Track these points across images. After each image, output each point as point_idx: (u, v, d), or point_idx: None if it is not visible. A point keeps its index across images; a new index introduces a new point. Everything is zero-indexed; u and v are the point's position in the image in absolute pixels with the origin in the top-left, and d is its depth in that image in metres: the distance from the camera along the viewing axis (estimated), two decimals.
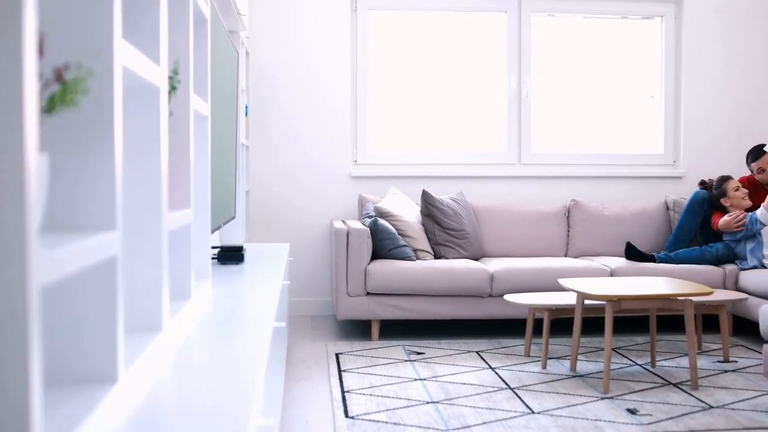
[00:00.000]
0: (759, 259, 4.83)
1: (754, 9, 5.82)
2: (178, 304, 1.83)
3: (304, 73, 5.52)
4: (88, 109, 1.15)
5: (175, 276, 1.90)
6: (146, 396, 1.27)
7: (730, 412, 3.28)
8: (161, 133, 1.52)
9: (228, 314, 2.03)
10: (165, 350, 1.56)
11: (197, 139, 2.27)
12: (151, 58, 1.50)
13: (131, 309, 1.52)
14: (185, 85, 1.91)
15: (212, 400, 1.25)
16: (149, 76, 1.40)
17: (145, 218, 1.51)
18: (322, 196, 5.53)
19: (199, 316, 1.99)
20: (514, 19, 5.70)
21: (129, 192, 1.50)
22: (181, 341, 1.69)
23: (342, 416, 3.20)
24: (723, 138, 5.81)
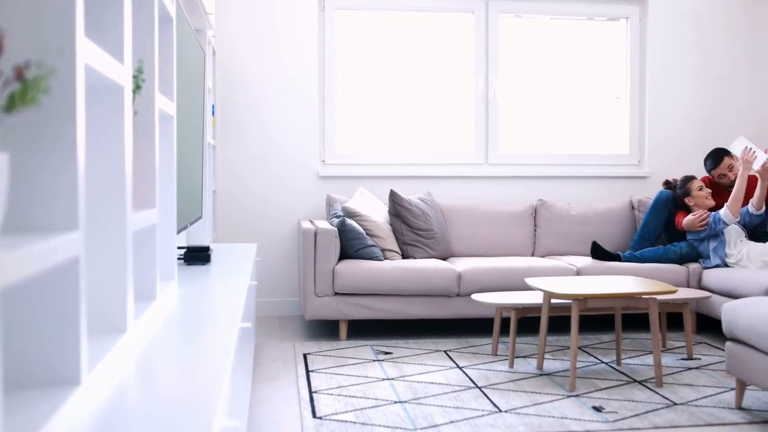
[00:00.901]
0: (721, 257, 4.91)
1: (717, 11, 5.90)
2: (143, 305, 1.81)
3: (271, 73, 5.50)
4: (49, 108, 1.14)
5: (139, 277, 1.88)
6: (110, 398, 1.26)
7: (694, 409, 3.32)
8: (125, 132, 1.50)
9: (194, 315, 2.02)
10: (129, 352, 1.55)
11: (163, 138, 2.25)
12: (115, 57, 1.49)
13: (95, 310, 1.51)
14: (150, 84, 1.89)
15: (176, 402, 1.24)
16: (113, 75, 1.39)
17: (108, 218, 1.49)
18: (290, 196, 5.52)
19: (164, 317, 1.97)
20: (481, 20, 5.73)
21: (92, 192, 1.48)
22: (146, 342, 1.67)
23: (310, 417, 3.19)
24: (687, 138, 5.89)
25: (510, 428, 3.06)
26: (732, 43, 5.92)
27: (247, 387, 2.93)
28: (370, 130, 5.71)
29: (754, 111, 5.94)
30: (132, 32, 1.85)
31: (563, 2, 5.81)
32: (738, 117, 5.94)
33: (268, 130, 5.50)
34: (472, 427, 3.07)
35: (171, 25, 2.26)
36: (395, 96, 5.71)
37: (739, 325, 3.23)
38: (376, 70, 5.69)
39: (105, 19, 1.48)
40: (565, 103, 5.89)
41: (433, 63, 5.74)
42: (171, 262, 2.27)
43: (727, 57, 5.92)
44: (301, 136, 5.53)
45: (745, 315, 3.21)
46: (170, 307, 2.12)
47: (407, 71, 5.72)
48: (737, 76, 5.94)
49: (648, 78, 5.87)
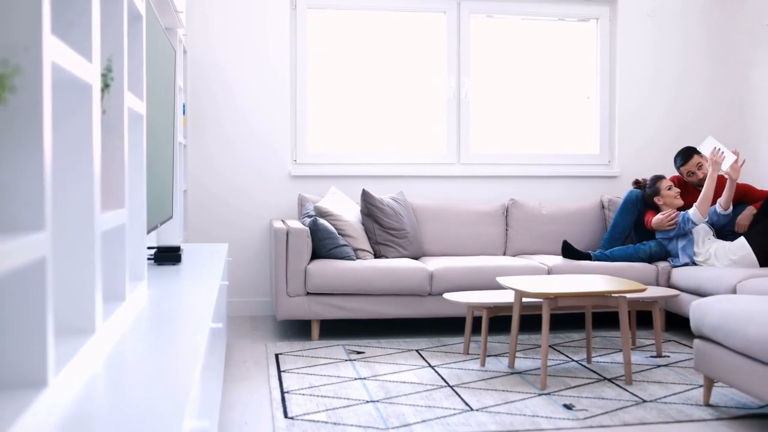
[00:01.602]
0: (690, 256, 4.96)
1: (686, 12, 5.97)
2: (112, 306, 1.79)
3: (242, 72, 5.47)
4: (15, 106, 1.12)
5: (108, 277, 1.87)
6: (77, 400, 1.25)
7: (662, 406, 3.36)
8: (94, 131, 1.49)
9: (163, 315, 2.00)
10: (98, 353, 1.53)
11: (132, 137, 2.23)
12: (83, 55, 1.47)
13: (62, 311, 1.49)
14: (119, 83, 1.88)
15: (145, 403, 1.23)
16: (81, 73, 1.38)
17: (76, 219, 1.48)
18: (262, 195, 5.50)
19: (133, 318, 1.95)
20: (453, 20, 5.75)
21: (60, 192, 1.47)
22: (115, 343, 1.66)
23: (281, 417, 3.18)
24: (656, 138, 5.95)
25: (481, 427, 3.08)
26: (700, 43, 5.99)
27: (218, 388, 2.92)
28: (342, 130, 5.70)
29: (722, 111, 6.02)
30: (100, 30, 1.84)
31: (534, 3, 5.84)
32: (707, 116, 6.01)
33: (240, 129, 5.48)
34: (444, 426, 3.08)
35: (140, 23, 2.24)
36: (367, 95, 5.71)
37: (707, 323, 3.27)
38: (348, 69, 5.69)
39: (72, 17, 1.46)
40: (536, 103, 5.93)
41: (405, 63, 5.75)
42: (140, 262, 2.26)
43: (695, 57, 5.99)
44: (273, 136, 5.52)
45: (712, 313, 3.25)
46: (140, 308, 2.11)
47: (379, 71, 5.72)
48: (705, 76, 6.01)
49: (618, 78, 5.92)
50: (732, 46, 5.97)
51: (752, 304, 3.14)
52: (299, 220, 5.13)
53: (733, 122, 5.96)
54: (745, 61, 5.82)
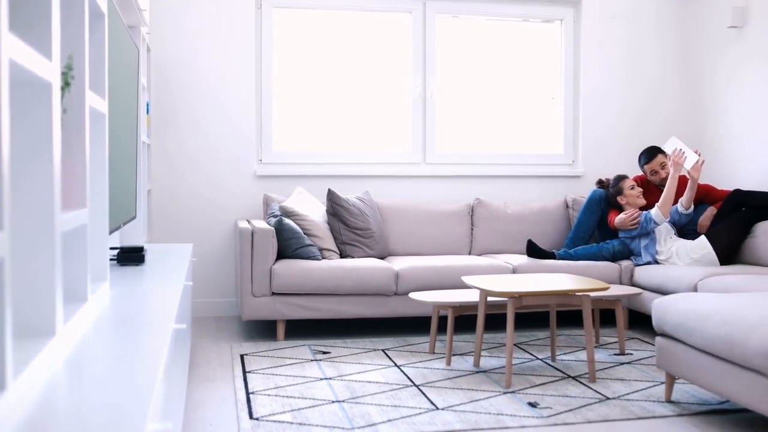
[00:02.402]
0: (652, 255, 5.03)
1: (647, 14, 6.05)
2: (73, 308, 1.77)
3: (208, 71, 5.43)
4: None
5: (69, 278, 1.84)
6: (37, 404, 1.23)
7: (625, 403, 3.40)
8: (53, 130, 1.47)
9: (126, 316, 1.98)
10: (58, 356, 1.51)
11: (94, 137, 2.20)
12: (42, 53, 1.45)
13: (22, 313, 1.47)
14: (80, 82, 1.85)
15: (107, 406, 1.22)
16: (40, 71, 1.36)
17: (36, 219, 1.45)
18: (227, 195, 5.46)
19: (95, 319, 1.93)
20: (418, 20, 5.76)
21: (19, 192, 1.45)
22: (76, 345, 1.64)
23: (246, 418, 3.16)
24: (619, 138, 6.02)
25: (447, 425, 3.09)
26: (663, 44, 6.07)
27: (182, 389, 2.90)
28: (308, 129, 5.69)
29: (685, 111, 6.10)
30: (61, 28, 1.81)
31: (499, 4, 5.87)
32: (669, 117, 6.09)
33: (205, 128, 5.44)
34: (410, 425, 3.09)
35: (102, 21, 2.22)
36: (333, 95, 5.71)
37: (668, 321, 3.32)
38: (314, 69, 5.68)
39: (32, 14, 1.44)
40: (501, 104, 5.96)
41: (371, 62, 5.75)
42: (103, 262, 2.23)
43: (658, 58, 6.07)
44: (238, 135, 5.48)
45: (673, 310, 3.30)
46: (102, 309, 2.08)
47: (345, 70, 5.72)
48: (668, 77, 6.09)
49: (582, 79, 5.98)
50: (694, 47, 6.05)
51: (712, 302, 3.19)
52: (264, 220, 5.11)
53: (695, 123, 6.05)
54: (707, 63, 5.91)
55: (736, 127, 5.60)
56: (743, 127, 5.53)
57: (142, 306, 2.15)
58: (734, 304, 3.10)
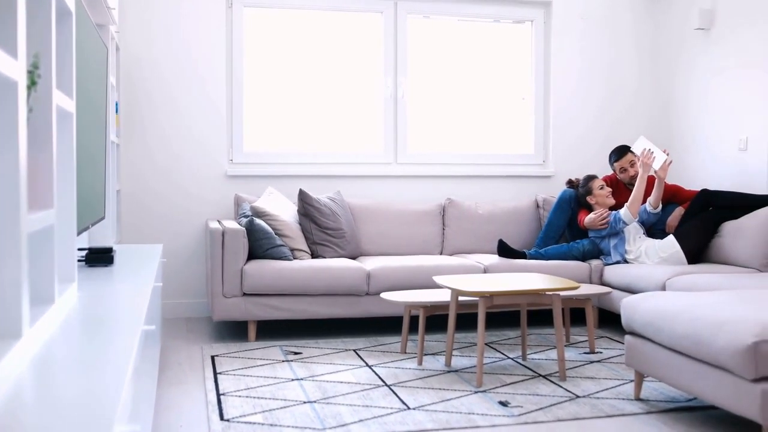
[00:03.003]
0: (622, 254, 5.07)
1: (617, 16, 6.10)
2: (40, 309, 1.75)
3: (177, 70, 5.39)
4: None
5: (36, 280, 1.82)
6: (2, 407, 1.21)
7: (595, 401, 3.43)
8: (19, 129, 1.45)
9: (94, 318, 1.96)
10: (24, 358, 1.49)
11: (61, 136, 2.17)
12: (8, 52, 1.43)
13: None
14: (47, 80, 1.83)
15: (74, 409, 1.20)
16: (5, 70, 1.34)
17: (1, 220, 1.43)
18: (197, 195, 5.43)
19: (62, 321, 1.91)
20: (389, 20, 5.76)
21: None
22: (42, 348, 1.62)
23: (217, 419, 3.14)
24: (589, 139, 6.07)
25: (418, 425, 3.09)
26: (631, 46, 6.13)
27: (152, 391, 2.87)
28: (279, 129, 5.67)
29: (654, 112, 6.17)
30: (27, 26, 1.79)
31: (470, 4, 5.90)
32: (638, 118, 6.15)
33: (175, 128, 5.40)
34: (381, 425, 3.09)
35: (70, 19, 2.19)
36: (305, 95, 5.69)
37: (637, 319, 3.35)
38: (285, 68, 5.66)
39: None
40: (473, 104, 5.99)
41: (342, 62, 5.74)
42: (71, 264, 2.21)
43: (627, 59, 6.13)
44: (209, 135, 5.45)
45: (642, 309, 3.33)
46: (69, 311, 2.06)
47: (317, 70, 5.70)
48: (637, 78, 6.15)
49: (552, 80, 6.02)
50: (662, 48, 6.12)
51: (680, 301, 3.22)
52: (235, 221, 5.08)
53: (664, 123, 6.11)
54: (675, 64, 5.98)
55: (703, 128, 5.67)
56: (711, 127, 5.60)
57: (111, 307, 2.13)
58: (701, 303, 3.14)
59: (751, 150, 5.20)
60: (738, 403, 2.78)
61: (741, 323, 2.79)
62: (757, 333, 2.70)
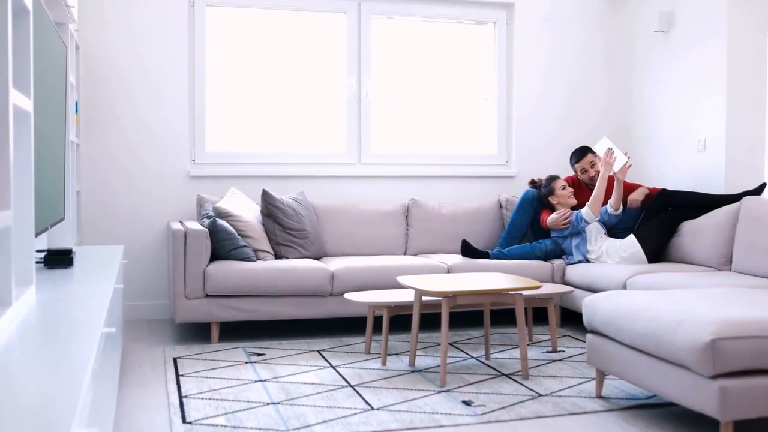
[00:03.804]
0: (583, 254, 5.13)
1: (579, 18, 6.16)
2: None
3: (139, 69, 5.33)
4: None
5: None
6: None
7: (558, 399, 3.46)
8: None
9: (52, 321, 1.93)
10: None
11: (18, 136, 2.14)
12: None
13: None
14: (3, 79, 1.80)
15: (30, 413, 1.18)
16: None
17: None
18: (159, 196, 5.37)
19: (19, 324, 1.88)
20: (353, 20, 5.76)
21: None
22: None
23: (179, 422, 3.12)
24: (551, 139, 6.12)
25: (382, 425, 3.10)
26: (593, 47, 6.20)
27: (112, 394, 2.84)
28: (242, 130, 5.63)
29: (615, 113, 6.24)
30: None
31: (433, 5, 5.91)
32: (600, 119, 6.22)
33: (136, 128, 5.34)
34: (345, 426, 3.08)
35: (27, 17, 2.16)
36: (268, 95, 5.66)
37: (598, 318, 3.39)
38: (248, 68, 5.63)
39: None
40: (436, 104, 6.01)
41: (306, 62, 5.73)
42: (28, 266, 2.17)
43: (589, 61, 6.20)
44: (171, 135, 5.40)
45: (603, 308, 3.37)
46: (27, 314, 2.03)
47: (280, 70, 5.68)
48: (599, 79, 6.22)
49: (515, 81, 6.06)
50: (624, 50, 6.19)
51: (641, 300, 3.27)
52: (198, 221, 5.04)
53: (625, 124, 6.19)
54: (636, 66, 6.05)
55: (663, 129, 5.75)
56: (670, 128, 5.68)
57: (70, 310, 2.10)
58: (661, 302, 3.18)
59: (709, 151, 5.29)
60: (696, 399, 2.83)
61: (699, 321, 2.84)
62: (715, 331, 2.75)
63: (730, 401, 2.73)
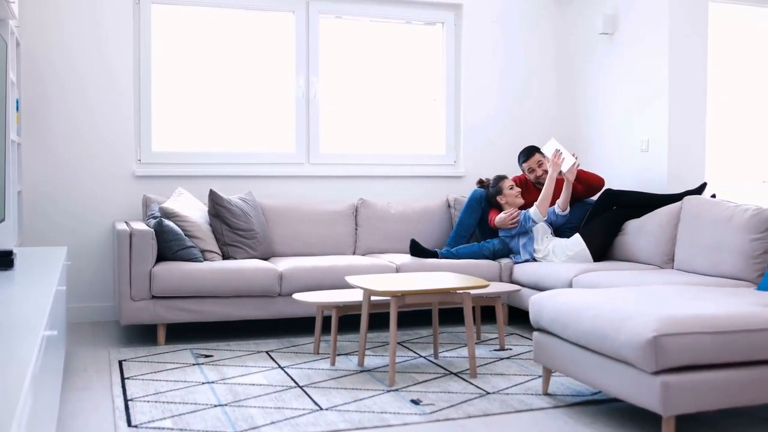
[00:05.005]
0: (530, 253, 5.19)
1: (525, 19, 6.23)
2: None
3: (82, 67, 5.24)
4: None
5: None
6: None
7: (505, 397, 3.49)
8: None
9: None
10: None
11: None
12: None
13: None
14: None
15: None
16: None
17: None
18: (104, 196, 5.28)
19: None
20: (301, 20, 5.74)
21: None
22: None
23: (125, 426, 3.07)
24: (499, 139, 6.18)
25: (330, 426, 3.09)
26: (540, 49, 6.27)
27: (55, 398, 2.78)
28: (189, 129, 5.57)
29: (561, 114, 6.32)
30: None
31: (382, 5, 5.92)
32: (546, 119, 6.30)
33: (80, 126, 5.24)
34: (293, 427, 3.07)
35: None
36: (215, 94, 5.61)
37: (545, 316, 3.43)
38: (195, 67, 5.56)
39: None
40: (385, 104, 6.02)
41: (254, 61, 5.69)
42: None
43: (535, 62, 6.27)
44: (116, 134, 5.31)
45: (549, 306, 3.41)
46: None
47: (228, 69, 5.63)
48: (545, 80, 6.30)
49: (463, 81, 6.10)
50: (570, 52, 6.28)
51: (586, 297, 3.32)
52: (144, 222, 4.97)
53: (571, 125, 6.28)
54: (581, 67, 6.15)
55: (608, 129, 5.85)
56: (615, 129, 5.78)
57: (10, 313, 2.05)
58: (605, 300, 3.24)
59: (652, 151, 5.39)
60: (640, 395, 2.88)
61: (642, 318, 2.89)
62: (657, 328, 2.80)
63: (671, 396, 2.79)
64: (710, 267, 4.42)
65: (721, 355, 2.87)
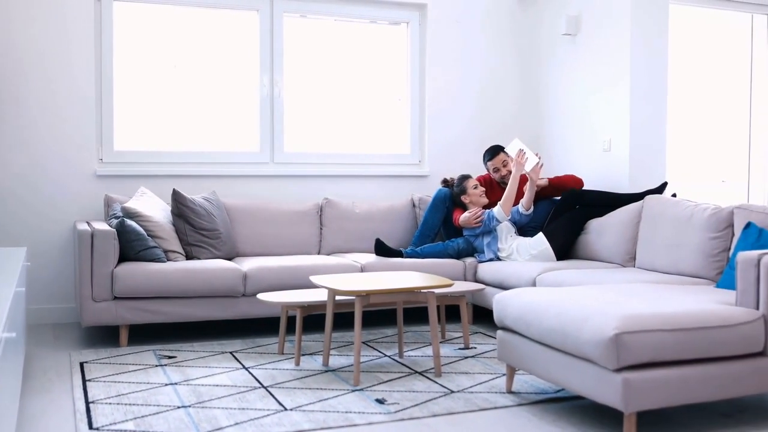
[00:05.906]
0: (494, 252, 5.22)
1: (490, 20, 6.26)
2: None
3: (43, 64, 5.15)
4: None
5: None
6: None
7: (469, 395, 3.51)
8: None
9: None
10: None
11: None
12: None
13: None
14: None
15: None
16: None
17: None
18: (65, 196, 5.21)
19: None
20: (266, 18, 5.71)
21: None
22: None
23: (86, 428, 3.03)
24: (464, 139, 6.20)
25: (295, 426, 3.08)
26: (504, 49, 6.31)
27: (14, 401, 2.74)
28: (151, 128, 5.51)
29: (525, 114, 6.37)
30: None
31: (347, 5, 5.91)
32: (510, 119, 6.33)
33: (39, 125, 5.16)
34: (258, 428, 3.06)
35: None
36: (179, 93, 5.56)
37: (509, 315, 3.45)
38: (158, 65, 5.51)
39: None
40: (350, 104, 6.01)
41: (217, 60, 5.65)
42: None
43: (499, 62, 6.30)
44: (77, 133, 5.24)
45: (513, 305, 3.43)
46: None
47: (191, 67, 5.59)
48: (509, 80, 6.33)
49: (427, 81, 6.12)
50: (533, 53, 6.33)
51: (548, 296, 3.34)
52: (106, 222, 4.91)
53: (534, 125, 6.32)
54: (544, 68, 6.19)
55: (571, 129, 5.90)
56: (577, 128, 5.83)
57: None
58: (568, 298, 3.26)
59: (614, 150, 5.45)
60: (602, 392, 2.91)
61: (603, 316, 2.92)
62: (618, 326, 2.84)
63: (633, 393, 2.82)
64: (671, 265, 4.48)
65: (681, 352, 2.91)
